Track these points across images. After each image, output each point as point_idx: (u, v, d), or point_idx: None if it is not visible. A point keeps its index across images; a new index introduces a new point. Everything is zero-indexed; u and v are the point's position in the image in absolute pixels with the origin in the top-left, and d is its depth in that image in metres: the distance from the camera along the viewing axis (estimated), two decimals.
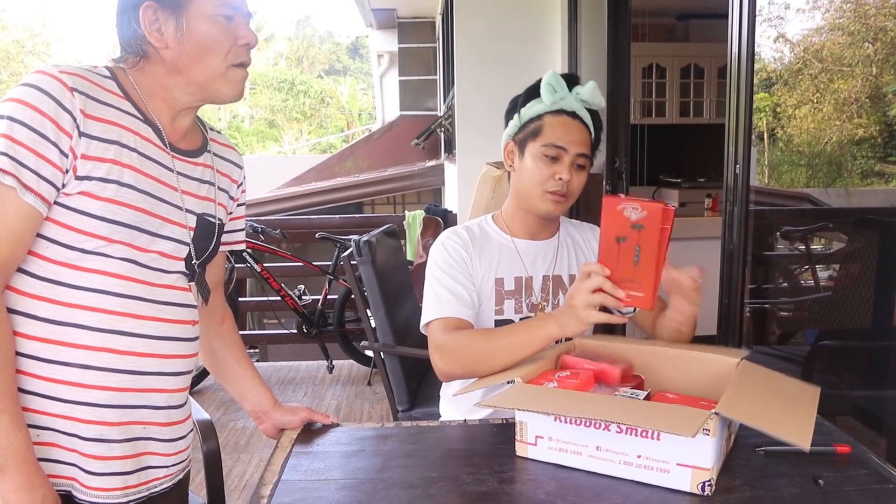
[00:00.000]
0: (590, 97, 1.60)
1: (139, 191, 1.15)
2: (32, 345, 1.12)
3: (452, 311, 1.55)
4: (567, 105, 1.59)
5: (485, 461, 1.23)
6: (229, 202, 1.39)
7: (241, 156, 1.44)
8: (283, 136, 25.82)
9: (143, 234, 1.17)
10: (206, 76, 1.20)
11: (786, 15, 7.60)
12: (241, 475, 3.11)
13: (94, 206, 1.11)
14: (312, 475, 1.20)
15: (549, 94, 1.58)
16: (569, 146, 1.57)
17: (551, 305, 1.66)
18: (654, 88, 6.27)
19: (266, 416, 1.47)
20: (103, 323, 1.15)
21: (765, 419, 1.11)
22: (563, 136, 1.57)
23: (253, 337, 6.20)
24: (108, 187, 1.12)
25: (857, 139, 7.02)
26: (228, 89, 1.23)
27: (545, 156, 1.58)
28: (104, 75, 1.18)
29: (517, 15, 4.35)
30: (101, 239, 1.12)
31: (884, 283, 2.27)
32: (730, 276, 2.18)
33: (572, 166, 1.58)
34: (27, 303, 1.11)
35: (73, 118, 1.09)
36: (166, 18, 1.16)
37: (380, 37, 10.77)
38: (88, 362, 1.14)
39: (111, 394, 1.17)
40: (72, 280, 1.13)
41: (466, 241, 1.64)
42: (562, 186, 1.57)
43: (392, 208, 8.68)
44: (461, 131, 4.54)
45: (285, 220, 5.60)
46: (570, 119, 1.59)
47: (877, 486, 1.12)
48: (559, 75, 1.60)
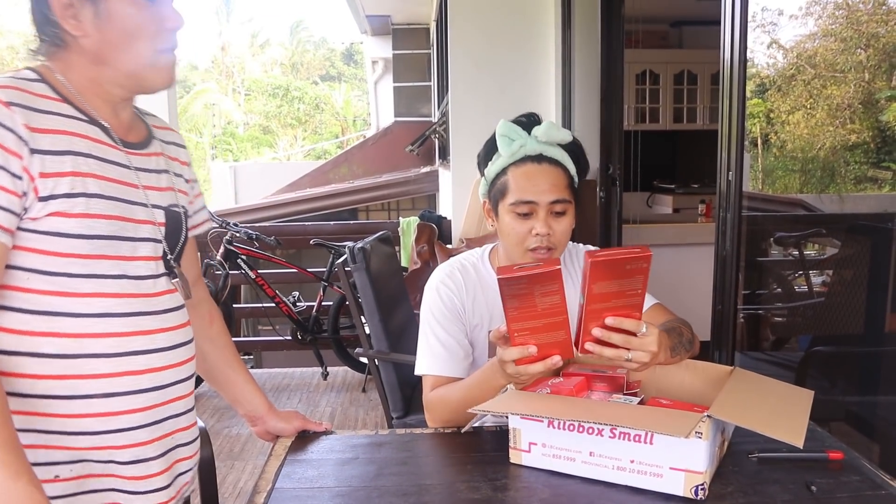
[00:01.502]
0: (547, 137, 1.49)
1: (108, 198, 1.09)
2: (46, 384, 1.05)
3: (445, 370, 1.56)
4: (530, 150, 1.48)
5: (479, 468, 1.23)
6: (186, 186, 1.32)
7: (180, 135, 1.36)
8: (277, 142, 25.82)
9: (124, 242, 1.11)
10: (134, 65, 1.11)
11: (779, 21, 7.63)
12: (235, 483, 3.10)
13: (67, 225, 1.04)
14: (306, 483, 1.20)
15: (505, 146, 1.49)
16: (538, 197, 1.47)
17: None
18: (647, 95, 6.30)
19: (260, 420, 1.45)
20: (116, 347, 1.10)
21: (757, 420, 1.11)
22: (530, 189, 1.47)
23: (247, 343, 6.19)
24: (77, 202, 1.04)
25: (850, 145, 7.05)
26: (158, 77, 1.14)
27: (517, 214, 1.49)
28: (32, 79, 1.08)
29: (511, 21, 4.37)
30: (84, 258, 1.06)
31: (876, 288, 2.28)
32: (723, 282, 2.19)
33: (549, 216, 1.48)
34: (28, 341, 1.05)
35: (17, 136, 1.00)
36: (82, 3, 1.06)
37: (374, 43, 10.79)
38: (112, 390, 1.09)
39: (141, 415, 1.13)
40: (70, 309, 1.06)
41: (461, 287, 1.60)
42: (541, 241, 1.48)
43: (387, 214, 8.68)
44: (455, 137, 4.55)
45: (280, 227, 5.60)
46: (535, 166, 1.48)
47: (869, 492, 1.12)
48: (512, 122, 1.51)
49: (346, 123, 26.08)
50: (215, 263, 4.11)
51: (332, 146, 22.91)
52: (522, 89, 4.36)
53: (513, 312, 1.18)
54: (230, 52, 28.48)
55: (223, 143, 25.12)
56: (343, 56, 30.60)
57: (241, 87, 27.85)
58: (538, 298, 1.16)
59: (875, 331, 2.23)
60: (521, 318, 1.18)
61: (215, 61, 28.72)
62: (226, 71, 27.97)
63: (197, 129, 24.57)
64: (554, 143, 1.51)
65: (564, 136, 1.51)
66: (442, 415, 1.51)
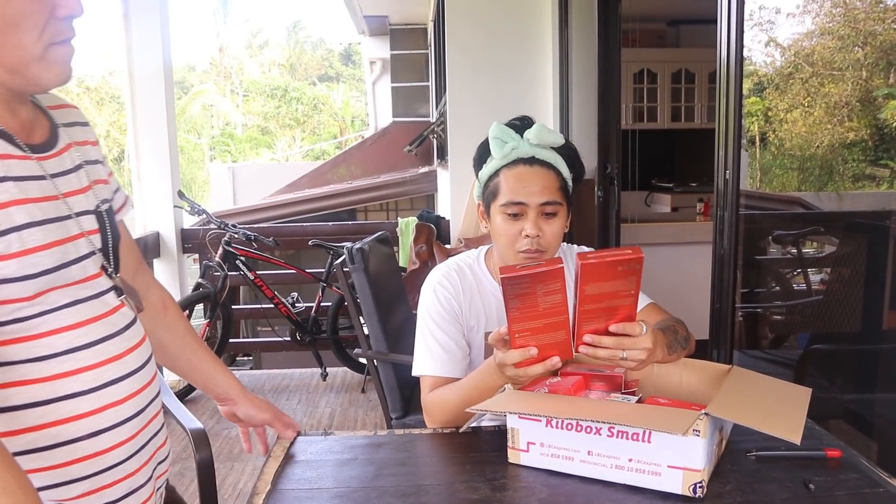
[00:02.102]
0: (538, 139, 1.50)
1: (39, 223, 0.94)
2: (25, 438, 0.94)
3: (444, 370, 1.56)
4: (522, 153, 1.50)
5: (477, 469, 1.23)
6: (102, 170, 1.14)
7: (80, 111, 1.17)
8: (276, 143, 25.84)
9: (70, 266, 0.97)
10: (18, 60, 0.93)
11: (777, 20, 7.64)
12: (234, 484, 3.10)
13: (7, 269, 0.89)
14: (305, 484, 1.20)
15: (498, 149, 1.50)
16: (528, 199, 1.48)
17: None
18: (645, 93, 6.31)
19: (231, 402, 1.39)
20: (92, 381, 0.99)
21: (755, 418, 1.12)
22: (521, 190, 1.48)
23: (246, 345, 6.20)
24: (10, 239, 0.89)
25: (847, 142, 7.06)
26: (51, 74, 0.96)
27: (507, 215, 1.50)
28: None
29: (508, 21, 4.38)
30: (31, 298, 0.92)
31: (873, 286, 2.28)
32: (721, 281, 2.20)
33: (539, 218, 1.49)
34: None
35: None
36: None
37: (372, 43, 10.81)
38: (97, 428, 0.99)
39: (128, 445, 1.03)
40: (31, 354, 0.94)
41: (458, 288, 1.61)
42: (531, 243, 1.48)
43: (385, 215, 8.69)
44: (453, 137, 4.55)
45: (278, 228, 5.60)
46: (527, 168, 1.50)
47: (867, 490, 1.12)
48: (505, 124, 1.52)
49: (344, 124, 26.11)
50: (214, 265, 4.11)
51: (331, 147, 22.93)
52: (520, 89, 4.36)
53: (514, 313, 1.18)
54: (228, 53, 28.50)
55: (221, 144, 25.13)
56: (341, 56, 30.64)
57: (239, 88, 27.86)
58: (540, 298, 1.16)
59: (873, 328, 2.23)
60: (522, 318, 1.18)
61: (213, 62, 28.75)
62: (224, 72, 27.98)
63: (195, 130, 24.58)
64: (546, 146, 1.52)
65: (556, 138, 1.52)
66: (440, 416, 1.51)
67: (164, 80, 4.31)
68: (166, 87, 4.33)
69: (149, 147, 4.35)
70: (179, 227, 4.51)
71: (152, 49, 4.28)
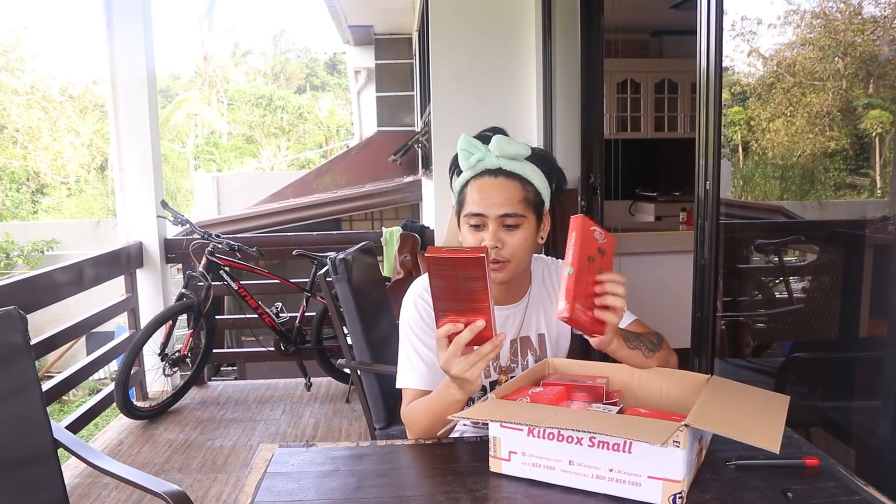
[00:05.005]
0: (499, 151, 1.51)
1: None
2: None
3: (424, 383, 1.58)
4: (489, 164, 1.52)
5: (459, 479, 1.23)
6: None
7: None
8: (261, 152, 25.77)
9: None
10: None
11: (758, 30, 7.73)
12: (218, 495, 3.07)
13: None
14: (286, 496, 1.20)
15: (464, 160, 1.52)
16: (488, 210, 1.49)
17: (521, 367, 1.65)
18: (629, 103, 6.36)
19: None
20: None
21: (734, 428, 1.13)
22: (480, 202, 1.50)
23: (230, 355, 6.16)
24: None
25: (829, 151, 7.13)
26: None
27: (470, 225, 1.53)
28: None
29: (492, 31, 4.39)
30: None
31: (851, 294, 2.30)
32: (702, 290, 2.21)
33: (499, 229, 1.50)
34: None
35: None
36: None
37: (357, 53, 10.83)
38: None
39: None
40: None
41: None
42: (492, 254, 1.49)
43: (370, 224, 8.68)
44: (437, 149, 4.56)
45: (262, 238, 5.58)
46: (491, 179, 1.51)
47: (843, 498, 1.14)
48: (476, 136, 1.53)
49: (329, 133, 26.09)
50: (198, 275, 4.09)
51: (316, 156, 22.90)
52: (504, 99, 4.38)
53: (438, 292, 1.24)
54: (213, 62, 28.42)
55: (206, 153, 25.03)
56: (326, 66, 30.62)
57: (223, 97, 27.79)
58: (461, 283, 1.21)
59: (851, 336, 2.26)
60: (445, 297, 1.24)
61: (198, 71, 28.65)
62: (209, 80, 27.90)
63: (179, 138, 24.48)
64: (514, 157, 1.53)
65: (518, 149, 1.53)
66: (413, 429, 1.54)
67: (147, 88, 4.29)
68: (149, 96, 4.31)
69: (132, 156, 4.32)
70: (163, 238, 4.48)
71: (136, 56, 4.26)
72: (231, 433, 3.82)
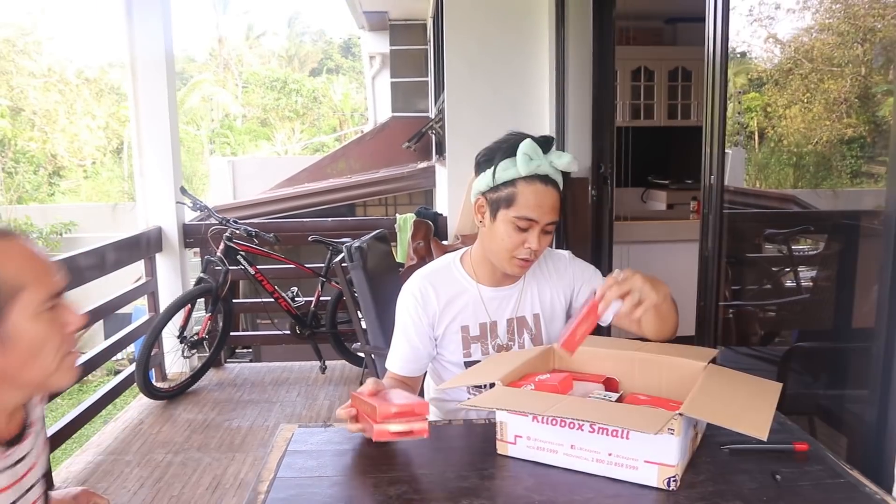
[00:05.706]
0: (565, 167, 1.61)
1: None
2: None
3: (406, 370, 1.75)
4: (542, 171, 1.59)
5: (467, 459, 1.31)
6: None
7: None
8: (275, 135, 25.82)
9: None
10: (40, 377, 1.08)
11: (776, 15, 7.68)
12: (236, 474, 3.18)
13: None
14: (306, 472, 1.28)
15: (524, 164, 1.57)
16: (540, 216, 1.59)
17: (517, 345, 1.75)
18: (642, 91, 6.36)
19: None
20: None
21: (725, 416, 1.19)
22: (536, 208, 1.58)
23: (247, 338, 6.28)
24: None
25: (846, 139, 7.10)
26: (64, 379, 1.11)
27: (517, 226, 1.60)
28: None
29: (506, 18, 4.42)
30: None
31: (857, 284, 2.34)
32: (706, 280, 2.27)
33: (541, 234, 1.61)
34: None
35: None
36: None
37: (372, 38, 10.84)
38: None
39: None
40: None
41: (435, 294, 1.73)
42: (530, 254, 1.62)
43: (384, 210, 8.74)
44: (451, 137, 4.61)
45: (279, 224, 5.66)
46: (543, 186, 1.59)
47: (829, 480, 1.20)
48: (535, 143, 1.59)
49: (344, 117, 26.10)
50: (215, 260, 4.18)
51: (330, 140, 22.94)
52: (517, 87, 4.41)
53: None
54: (227, 45, 28.46)
55: (221, 136, 25.12)
56: (341, 49, 30.59)
57: (238, 80, 27.84)
58: None
59: (852, 327, 2.29)
60: None
61: (213, 53, 28.71)
62: (223, 63, 27.96)
63: (194, 121, 24.57)
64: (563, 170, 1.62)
65: (573, 166, 1.63)
66: None
67: (165, 75, 4.34)
68: (168, 83, 4.37)
69: (151, 142, 4.39)
70: (181, 223, 4.57)
71: (155, 42, 4.31)
72: (248, 414, 3.92)
